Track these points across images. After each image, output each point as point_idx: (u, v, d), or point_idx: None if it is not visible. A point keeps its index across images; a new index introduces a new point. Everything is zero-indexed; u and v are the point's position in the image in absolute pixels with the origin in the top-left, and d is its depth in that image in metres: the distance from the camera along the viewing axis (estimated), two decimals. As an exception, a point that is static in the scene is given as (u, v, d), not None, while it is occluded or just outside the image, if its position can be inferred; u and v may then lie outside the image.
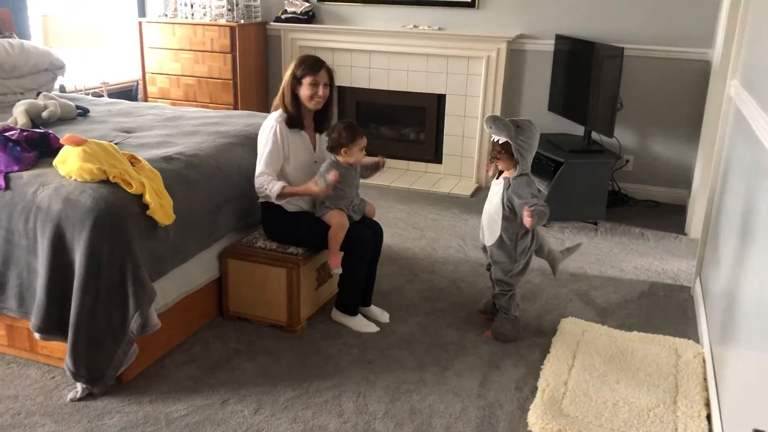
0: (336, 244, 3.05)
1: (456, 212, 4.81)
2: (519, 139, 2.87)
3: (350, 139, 3.04)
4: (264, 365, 2.88)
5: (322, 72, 3.06)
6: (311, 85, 3.04)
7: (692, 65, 4.85)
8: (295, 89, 3.08)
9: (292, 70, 3.08)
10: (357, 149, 3.06)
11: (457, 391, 2.73)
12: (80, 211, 2.52)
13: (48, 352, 2.77)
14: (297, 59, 3.12)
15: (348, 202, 3.11)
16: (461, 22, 5.31)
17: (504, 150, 2.90)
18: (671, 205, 5.06)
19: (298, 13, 5.58)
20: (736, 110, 3.11)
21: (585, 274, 3.85)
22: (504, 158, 2.92)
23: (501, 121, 2.87)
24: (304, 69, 3.04)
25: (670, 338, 3.09)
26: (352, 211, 3.14)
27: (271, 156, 3.05)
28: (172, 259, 2.83)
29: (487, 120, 2.90)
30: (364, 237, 3.10)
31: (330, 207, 3.08)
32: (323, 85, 3.06)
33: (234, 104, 5.60)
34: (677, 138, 5.00)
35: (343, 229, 3.04)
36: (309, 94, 3.05)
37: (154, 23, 5.68)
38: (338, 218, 3.05)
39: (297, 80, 3.06)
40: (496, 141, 2.91)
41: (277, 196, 3.01)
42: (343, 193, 3.09)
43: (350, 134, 3.04)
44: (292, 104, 3.08)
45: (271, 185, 3.02)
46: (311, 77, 3.03)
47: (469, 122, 5.39)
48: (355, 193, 3.17)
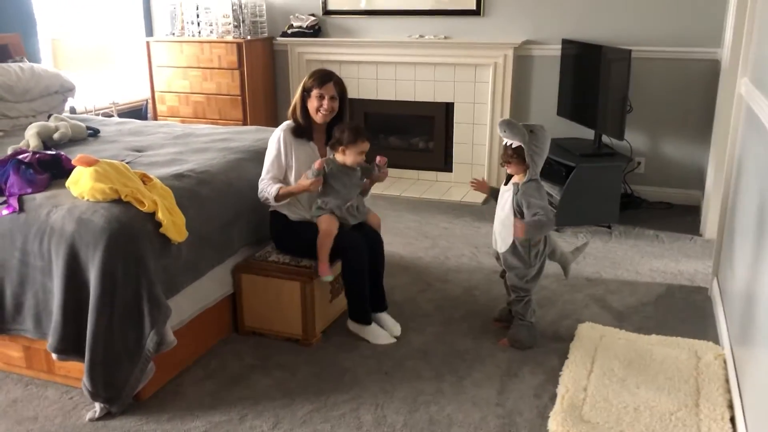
0: (323, 250, 3.02)
1: (468, 220, 4.79)
2: (532, 144, 2.86)
3: (351, 140, 3.02)
4: (281, 379, 2.87)
5: (329, 85, 3.07)
6: (318, 98, 3.07)
7: (701, 65, 4.82)
8: (305, 101, 3.11)
9: (303, 83, 3.13)
10: (355, 152, 3.04)
11: (475, 401, 2.70)
12: (93, 230, 2.53)
13: (66, 372, 2.78)
14: (310, 73, 3.17)
15: (342, 202, 3.07)
16: (467, 30, 5.31)
17: (516, 154, 2.89)
18: (685, 206, 5.02)
19: (304, 27, 5.61)
20: (748, 108, 3.09)
21: (601, 279, 3.82)
22: (516, 162, 2.91)
23: (515, 125, 2.87)
24: (312, 81, 3.09)
25: (690, 340, 3.06)
26: (347, 214, 3.09)
27: (272, 163, 3.12)
28: (186, 275, 2.83)
29: (501, 123, 2.89)
30: (355, 244, 3.05)
31: (323, 208, 3.06)
32: (329, 97, 3.07)
33: (243, 120, 5.63)
34: (689, 138, 4.97)
35: (329, 235, 3.01)
36: (315, 106, 3.08)
37: (161, 42, 5.73)
38: (325, 224, 3.03)
39: (306, 92, 3.10)
40: (508, 145, 2.90)
41: (274, 198, 3.06)
42: (337, 193, 3.06)
43: (352, 135, 3.03)
44: (301, 115, 3.13)
45: (269, 188, 3.07)
46: (318, 89, 3.06)
47: (478, 130, 5.38)
48: (352, 195, 3.12)
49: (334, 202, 3.06)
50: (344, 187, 3.07)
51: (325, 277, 3.06)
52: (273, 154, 3.12)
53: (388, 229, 4.51)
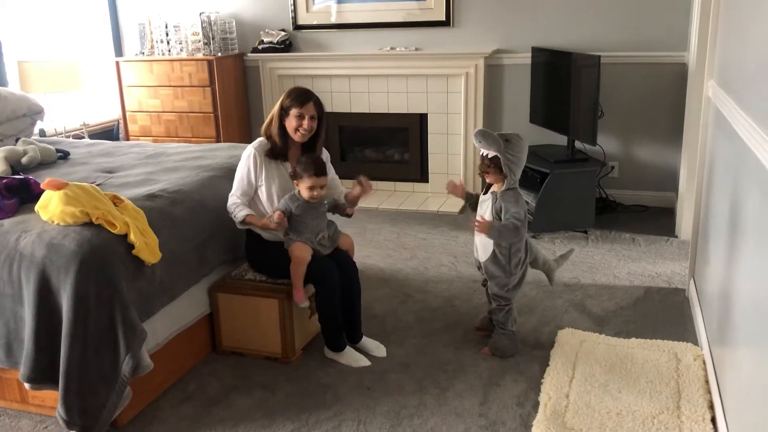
0: (297, 278, 2.96)
1: (445, 230, 4.79)
2: (508, 153, 2.86)
3: (301, 174, 2.95)
4: (261, 399, 2.83)
5: (310, 104, 3.03)
6: (297, 117, 3.01)
7: (669, 68, 4.88)
8: (282, 120, 3.06)
9: (281, 101, 3.06)
10: (305, 186, 2.95)
11: (458, 412, 2.69)
12: (64, 255, 2.48)
13: (39, 401, 2.72)
14: (287, 91, 3.10)
15: (312, 236, 3.02)
16: (438, 41, 5.34)
17: (493, 164, 2.89)
18: (659, 208, 5.07)
19: (274, 43, 5.60)
20: (716, 110, 3.12)
21: (579, 284, 3.84)
22: (493, 172, 2.91)
23: (490, 135, 2.87)
24: (291, 100, 3.02)
25: (669, 342, 3.07)
26: (318, 245, 3.03)
27: (242, 180, 3.08)
28: (161, 297, 2.79)
29: (476, 134, 2.89)
30: (328, 271, 2.98)
31: (293, 239, 3.01)
32: (309, 117, 3.03)
33: (216, 137, 5.59)
34: (660, 141, 5.03)
35: (302, 262, 2.95)
36: (294, 126, 3.03)
37: (131, 62, 5.68)
38: (298, 252, 2.97)
39: (284, 111, 3.04)
40: (485, 155, 2.90)
41: (239, 222, 3.03)
42: (306, 226, 3.00)
43: (302, 170, 2.95)
44: (278, 135, 3.06)
45: (237, 210, 3.03)
46: (297, 109, 3.01)
47: (453, 139, 5.39)
48: (321, 226, 3.06)
49: (304, 236, 3.00)
50: (313, 219, 3.01)
51: (301, 304, 3.00)
52: (243, 171, 3.07)
53: (366, 242, 4.50)
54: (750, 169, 2.23)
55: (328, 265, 3.00)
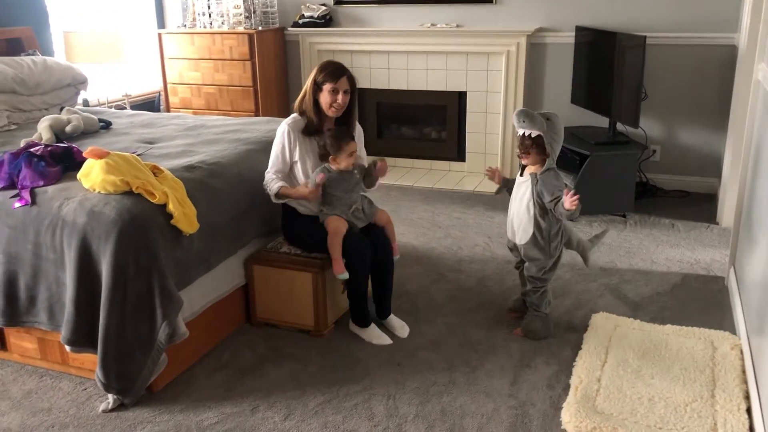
0: (334, 250, 2.98)
1: (481, 210, 4.76)
2: (551, 133, 2.82)
3: (336, 148, 2.97)
4: (293, 371, 2.87)
5: (343, 79, 3.02)
6: (331, 92, 3.01)
7: (717, 51, 4.74)
8: (316, 95, 3.06)
9: (314, 76, 3.05)
10: (344, 156, 2.98)
11: (488, 391, 2.69)
12: (105, 223, 2.53)
13: (79, 364, 2.80)
14: (319, 65, 3.09)
15: (346, 208, 3.03)
16: (479, 18, 5.26)
17: (535, 144, 2.85)
18: (701, 194, 4.96)
19: (315, 17, 5.58)
20: (766, 94, 3.03)
21: (615, 268, 3.79)
22: (534, 152, 2.87)
23: (533, 115, 2.82)
24: (324, 75, 3.01)
25: (706, 330, 3.02)
26: (354, 217, 3.04)
27: (278, 157, 3.09)
28: (198, 267, 2.83)
29: (518, 113, 2.85)
30: (360, 247, 2.99)
31: (328, 213, 3.03)
32: (343, 92, 3.02)
33: (255, 111, 5.62)
34: (705, 126, 4.90)
35: (338, 235, 2.96)
36: (329, 101, 3.02)
37: (173, 34, 5.72)
38: (333, 224, 2.98)
39: (318, 86, 3.04)
40: (527, 135, 2.85)
41: (274, 195, 3.04)
42: (339, 200, 3.02)
43: (335, 142, 2.98)
44: (312, 110, 3.06)
45: (272, 184, 3.05)
46: (331, 84, 3.00)
47: (491, 119, 5.34)
48: (355, 198, 3.06)
49: (340, 209, 3.02)
50: (345, 192, 3.03)
51: (341, 275, 3.00)
52: (278, 148, 3.08)
53: (401, 220, 4.50)
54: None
55: (360, 240, 3.01)
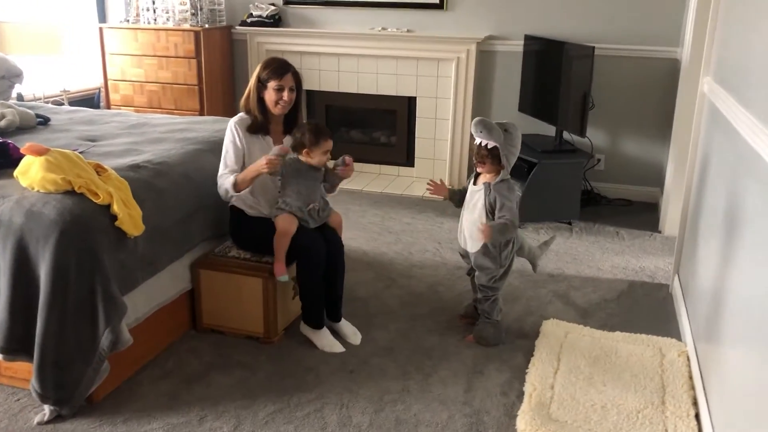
0: (279, 250, 2.91)
1: (431, 216, 4.75)
2: (508, 144, 2.82)
3: (313, 141, 2.91)
4: (242, 379, 2.77)
5: (288, 76, 2.97)
6: (276, 90, 2.95)
7: (661, 63, 4.87)
8: (261, 93, 2.99)
9: (258, 73, 2.99)
10: (320, 152, 2.93)
11: (442, 399, 2.66)
12: (44, 223, 2.39)
13: (12, 373, 2.63)
14: (263, 62, 3.03)
15: (303, 204, 2.95)
16: (430, 23, 5.26)
17: (491, 154, 2.84)
18: (644, 203, 5.08)
19: (263, 17, 5.48)
20: (712, 107, 3.11)
21: (563, 275, 3.83)
22: (490, 162, 2.86)
23: (492, 125, 2.81)
24: (269, 72, 2.95)
25: (654, 337, 3.07)
26: (309, 216, 2.97)
27: (230, 157, 3.00)
28: (143, 271, 2.71)
29: (477, 123, 2.83)
30: (313, 246, 2.92)
31: (283, 208, 2.95)
32: (288, 89, 2.96)
33: (200, 110, 5.47)
34: (648, 136, 5.03)
35: (287, 234, 2.89)
36: (274, 99, 2.96)
37: (115, 29, 5.52)
38: (283, 223, 2.91)
39: (262, 84, 2.97)
40: (483, 145, 2.83)
41: (233, 186, 2.95)
42: (298, 194, 2.94)
43: (314, 136, 2.92)
44: (257, 108, 3.00)
45: (227, 180, 2.97)
46: (276, 81, 2.94)
47: (441, 125, 5.34)
48: (313, 197, 2.99)
49: (296, 204, 2.94)
50: (306, 189, 2.96)
51: (281, 278, 2.93)
52: (229, 147, 3.00)
53: (351, 225, 4.45)
54: (751, 167, 2.21)
55: (314, 238, 2.94)
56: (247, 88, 3.04)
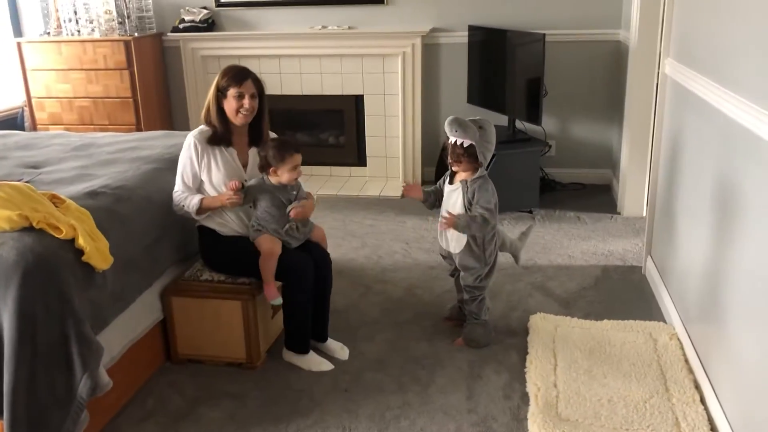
0: (267, 272, 2.76)
1: (391, 215, 4.64)
2: (483, 141, 2.74)
3: (279, 158, 2.74)
4: (231, 410, 2.60)
5: (248, 82, 2.79)
6: (236, 98, 2.77)
7: (603, 46, 4.91)
8: (220, 102, 2.80)
9: (216, 82, 2.80)
10: (286, 169, 2.75)
11: (445, 409, 2.56)
12: (3, 266, 2.15)
13: (-23, 433, 2.38)
14: (221, 70, 2.84)
15: (279, 226, 2.80)
16: (371, 19, 5.14)
17: (467, 153, 2.75)
18: (596, 185, 5.12)
19: (196, 21, 5.23)
20: (678, 88, 3.12)
21: (536, 265, 3.79)
22: (466, 161, 2.78)
23: (467, 124, 2.72)
24: (228, 80, 2.77)
25: (641, 322, 3.06)
26: (289, 237, 2.81)
27: (185, 173, 2.83)
28: (114, 306, 2.50)
29: (451, 122, 2.74)
30: (300, 265, 2.77)
31: (260, 230, 2.79)
32: (249, 96, 2.78)
33: (136, 124, 5.18)
34: (596, 119, 5.07)
35: (273, 256, 2.74)
36: (234, 107, 2.78)
37: (35, 43, 5.16)
38: (267, 245, 2.75)
39: (221, 93, 2.78)
40: (459, 144, 2.74)
41: (195, 211, 2.78)
42: (273, 217, 2.78)
43: (279, 153, 2.75)
44: (217, 119, 2.81)
45: (188, 200, 2.79)
46: (236, 88, 2.76)
47: (390, 121, 5.23)
48: (286, 217, 2.83)
49: (272, 226, 2.78)
50: (278, 210, 2.79)
51: (274, 301, 2.78)
52: (185, 163, 2.81)
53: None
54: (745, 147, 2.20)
55: (301, 258, 2.78)
56: (206, 99, 2.84)
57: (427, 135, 5.23)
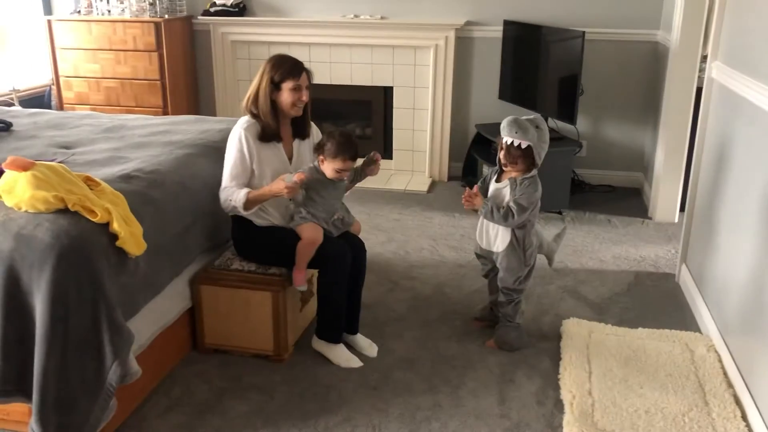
0: (303, 259, 2.71)
1: (417, 210, 4.58)
2: (541, 142, 2.68)
3: (332, 154, 2.67)
4: (259, 403, 2.56)
5: (304, 75, 2.73)
6: (293, 90, 2.70)
7: (641, 47, 4.81)
8: (273, 95, 2.72)
9: (269, 75, 2.70)
10: (332, 167, 2.69)
11: (477, 413, 2.51)
12: (38, 248, 2.11)
13: (4, 415, 2.34)
14: (270, 62, 2.74)
15: (326, 215, 2.76)
16: (404, 10, 5.06)
17: (524, 154, 2.69)
18: (626, 188, 5.03)
19: (228, 6, 5.17)
20: (726, 92, 3.03)
21: (567, 268, 3.72)
22: (522, 162, 2.71)
23: (525, 125, 2.65)
24: (283, 73, 2.69)
25: (677, 332, 2.99)
26: (332, 226, 2.78)
27: (236, 168, 2.73)
28: (145, 293, 2.46)
29: (511, 124, 2.66)
30: (340, 253, 2.72)
31: (305, 218, 2.73)
32: (305, 88, 2.73)
33: (163, 107, 5.14)
34: (629, 120, 4.97)
35: (314, 244, 2.69)
36: (291, 101, 2.71)
37: (66, 21, 5.12)
38: (310, 232, 2.70)
39: (275, 85, 2.70)
40: (516, 145, 2.67)
41: (243, 205, 2.68)
42: (319, 205, 2.74)
43: (335, 150, 2.67)
44: (270, 114, 2.72)
45: (235, 195, 2.69)
46: (293, 81, 2.69)
47: (419, 115, 5.16)
48: (336, 206, 2.82)
49: (321, 215, 2.73)
50: (327, 199, 2.75)
51: (300, 287, 2.75)
52: (235, 156, 2.72)
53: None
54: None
55: (341, 246, 2.74)
56: (251, 90, 2.74)
57: (456, 130, 5.16)
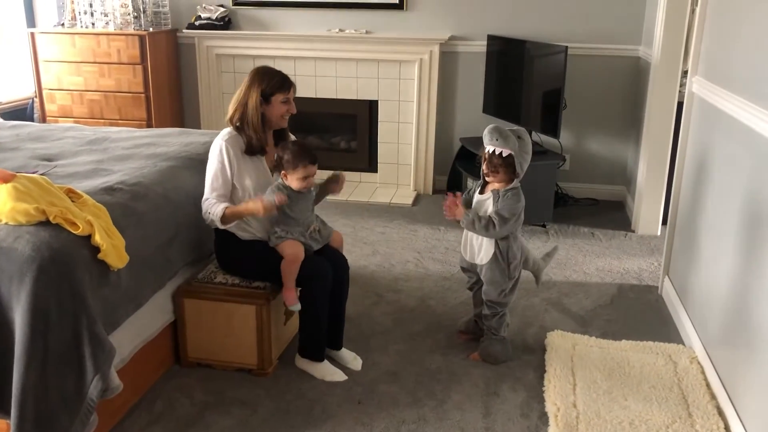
0: (289, 278, 2.69)
1: (402, 223, 4.58)
2: (522, 152, 2.69)
3: (292, 165, 2.66)
4: (242, 418, 2.53)
5: (293, 87, 2.76)
6: (283, 103, 2.72)
7: (622, 62, 4.86)
8: (258, 108, 2.71)
9: (258, 88, 2.69)
10: (297, 177, 2.66)
11: (462, 426, 2.50)
12: (18, 261, 2.09)
13: (-18, 432, 2.31)
14: (257, 75, 2.73)
15: (303, 229, 2.75)
16: (389, 24, 5.09)
17: (506, 163, 2.70)
18: (609, 201, 5.07)
19: (213, 19, 5.18)
20: (706, 106, 3.07)
21: (551, 281, 3.73)
22: (503, 171, 2.72)
23: (506, 133, 2.67)
24: (273, 86, 2.69)
25: (660, 344, 3.00)
26: (310, 239, 2.76)
27: (216, 180, 2.71)
28: (127, 306, 2.44)
29: (492, 131, 2.68)
30: (321, 271, 2.71)
31: (283, 236, 2.71)
32: (292, 100, 2.75)
33: (147, 120, 5.12)
34: (611, 134, 5.02)
35: (297, 261, 2.68)
36: (281, 113, 2.73)
37: (49, 34, 5.10)
38: (291, 249, 2.68)
39: (264, 99, 2.70)
40: (497, 153, 2.69)
41: (220, 219, 2.67)
42: (295, 221, 2.73)
43: (294, 160, 2.66)
44: (260, 126, 2.71)
45: (214, 209, 2.68)
46: (284, 94, 2.71)
47: (404, 128, 5.18)
48: (310, 218, 2.80)
49: (296, 230, 2.72)
50: (302, 213, 2.73)
51: (293, 307, 2.72)
52: (216, 168, 2.70)
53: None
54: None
55: (321, 264, 2.72)
56: (237, 104, 2.73)
57: (441, 143, 5.18)
